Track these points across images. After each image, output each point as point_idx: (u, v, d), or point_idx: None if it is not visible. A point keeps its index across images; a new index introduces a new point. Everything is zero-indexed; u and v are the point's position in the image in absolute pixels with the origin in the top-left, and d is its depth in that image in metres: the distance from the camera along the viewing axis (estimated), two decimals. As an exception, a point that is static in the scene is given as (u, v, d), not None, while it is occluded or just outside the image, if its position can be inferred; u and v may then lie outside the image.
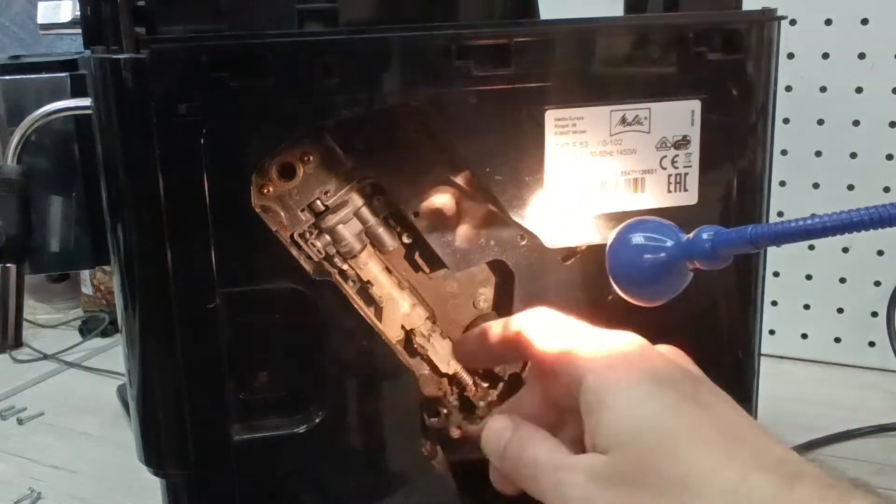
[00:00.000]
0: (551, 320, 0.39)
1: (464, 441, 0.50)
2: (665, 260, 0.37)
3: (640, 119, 0.44)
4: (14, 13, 1.16)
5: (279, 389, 0.45)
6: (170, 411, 0.43)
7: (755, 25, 0.44)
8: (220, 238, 0.41)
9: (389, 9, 0.47)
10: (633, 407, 0.33)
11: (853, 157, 0.81)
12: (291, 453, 0.45)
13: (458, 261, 0.46)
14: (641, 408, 0.33)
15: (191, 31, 0.41)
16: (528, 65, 0.42)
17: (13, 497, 0.68)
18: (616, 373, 0.34)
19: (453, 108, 0.42)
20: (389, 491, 0.46)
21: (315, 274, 0.44)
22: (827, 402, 0.78)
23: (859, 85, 0.79)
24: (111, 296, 1.03)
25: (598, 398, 0.34)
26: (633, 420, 0.32)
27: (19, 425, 0.81)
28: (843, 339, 0.86)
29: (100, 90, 0.40)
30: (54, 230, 0.50)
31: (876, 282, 0.83)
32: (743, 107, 0.45)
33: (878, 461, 0.69)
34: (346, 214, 0.45)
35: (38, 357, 0.96)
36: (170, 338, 0.42)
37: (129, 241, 0.41)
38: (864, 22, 0.78)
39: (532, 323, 0.40)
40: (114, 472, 0.71)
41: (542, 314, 0.40)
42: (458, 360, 0.47)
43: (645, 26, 0.44)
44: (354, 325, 0.44)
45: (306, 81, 0.40)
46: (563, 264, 0.46)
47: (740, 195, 0.46)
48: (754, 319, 0.49)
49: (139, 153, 0.40)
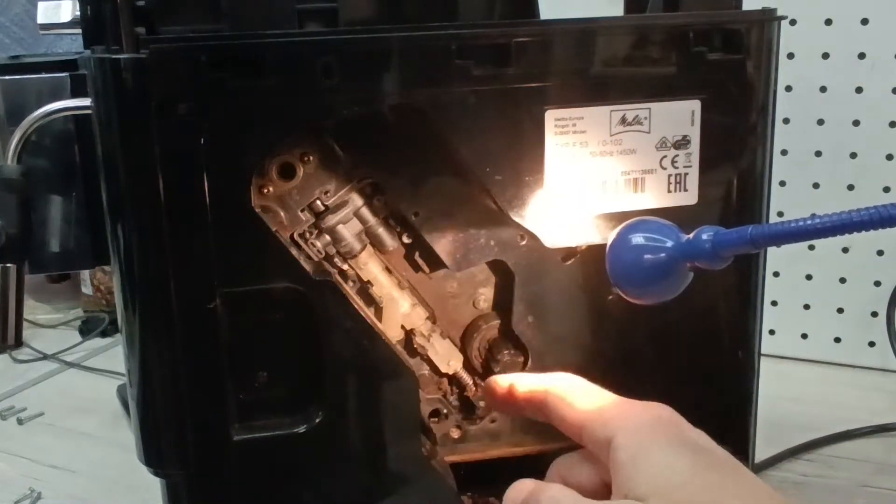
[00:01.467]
0: (578, 383, 0.41)
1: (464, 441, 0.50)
2: (665, 260, 0.37)
3: (640, 119, 0.44)
4: (14, 13, 1.16)
5: (279, 389, 0.45)
6: (170, 411, 0.43)
7: (755, 25, 0.44)
8: (220, 238, 0.41)
9: (389, 9, 0.47)
10: (668, 461, 0.35)
11: (853, 157, 0.81)
12: (291, 453, 0.45)
13: (458, 261, 0.46)
14: (677, 463, 0.34)
15: (191, 31, 0.41)
16: (528, 65, 0.42)
17: (13, 497, 0.68)
18: (650, 433, 0.36)
19: (453, 108, 0.42)
20: (389, 491, 0.46)
21: (315, 274, 0.44)
22: (827, 402, 0.78)
23: (859, 85, 0.79)
24: (111, 296, 1.03)
25: (632, 453, 0.35)
26: (671, 473, 0.34)
27: (19, 425, 0.81)
28: (843, 339, 0.86)
29: (100, 90, 0.40)
30: (54, 230, 0.50)
31: (876, 282, 0.83)
32: (743, 107, 0.45)
33: (878, 461, 0.69)
34: (346, 214, 0.45)
35: (38, 357, 0.96)
36: (170, 338, 0.42)
37: (129, 241, 0.41)
38: (864, 22, 0.78)
39: (560, 384, 0.41)
40: (114, 472, 0.71)
41: (569, 378, 0.42)
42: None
43: (645, 26, 0.44)
44: (354, 325, 0.44)
45: (306, 81, 0.40)
46: (563, 264, 0.46)
47: (740, 195, 0.46)
48: (754, 319, 0.49)
49: (139, 153, 0.40)
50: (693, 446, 0.36)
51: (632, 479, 0.35)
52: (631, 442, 0.36)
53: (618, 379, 0.41)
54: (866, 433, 0.72)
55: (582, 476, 0.40)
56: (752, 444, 0.50)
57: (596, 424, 0.38)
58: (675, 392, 0.47)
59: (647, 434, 0.36)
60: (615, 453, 0.36)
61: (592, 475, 0.39)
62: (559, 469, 0.41)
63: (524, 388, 0.43)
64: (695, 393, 0.48)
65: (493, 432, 0.50)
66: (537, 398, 0.42)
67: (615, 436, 0.36)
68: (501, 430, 0.50)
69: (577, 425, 0.39)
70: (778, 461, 0.68)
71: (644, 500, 0.34)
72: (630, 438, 0.36)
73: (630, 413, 0.37)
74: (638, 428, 0.36)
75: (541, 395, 0.42)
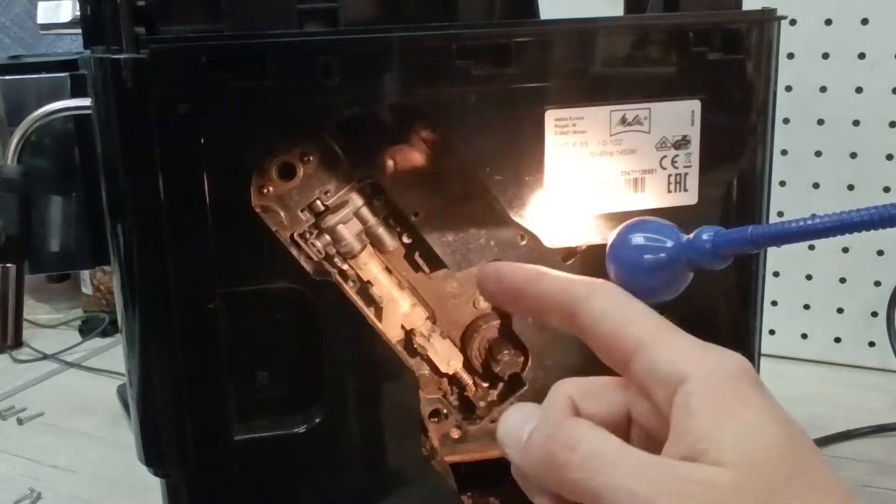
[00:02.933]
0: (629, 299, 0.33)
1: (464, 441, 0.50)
2: (665, 260, 0.37)
3: (640, 119, 0.44)
4: (14, 13, 1.16)
5: (279, 389, 0.45)
6: (170, 411, 0.43)
7: (755, 25, 0.44)
8: (220, 238, 0.41)
9: (389, 9, 0.47)
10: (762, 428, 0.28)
11: (853, 157, 0.81)
12: (291, 453, 0.45)
13: (458, 261, 0.46)
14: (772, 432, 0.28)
15: (191, 30, 0.41)
16: (528, 65, 0.42)
17: (13, 497, 0.68)
18: (736, 388, 0.29)
19: (453, 108, 0.42)
20: (389, 491, 0.46)
21: (315, 274, 0.44)
22: (827, 402, 0.78)
23: (859, 85, 0.79)
24: (111, 296, 1.03)
25: (713, 406, 0.28)
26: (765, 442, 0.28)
27: (19, 425, 0.81)
28: (843, 339, 0.86)
29: (100, 90, 0.40)
30: (54, 230, 0.50)
31: (876, 282, 0.83)
32: (743, 107, 0.45)
33: (878, 461, 0.69)
34: (346, 214, 0.45)
35: (38, 357, 0.96)
36: (170, 338, 0.42)
37: (129, 241, 0.41)
38: (864, 22, 0.78)
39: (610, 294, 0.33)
40: (114, 472, 0.71)
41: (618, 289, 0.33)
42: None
43: (645, 26, 0.44)
44: (354, 325, 0.44)
45: (306, 81, 0.40)
46: (563, 264, 0.46)
47: (740, 195, 0.46)
48: (754, 319, 0.49)
49: (139, 153, 0.40)
50: (784, 415, 0.29)
51: (710, 437, 0.28)
52: (711, 392, 0.29)
53: (618, 379, 0.41)
54: (866, 433, 0.72)
55: (600, 407, 0.32)
56: (752, 444, 0.50)
57: (661, 356, 0.30)
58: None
59: (733, 388, 0.29)
60: (687, 398, 0.29)
61: (615, 407, 0.32)
62: (570, 394, 0.32)
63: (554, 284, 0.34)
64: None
65: (493, 432, 0.50)
66: (570, 302, 0.33)
67: (688, 378, 0.29)
68: (501, 430, 0.50)
69: (629, 349, 0.31)
70: (778, 461, 0.67)
71: (724, 465, 0.27)
72: (710, 387, 0.29)
73: (707, 357, 0.30)
74: (720, 378, 0.29)
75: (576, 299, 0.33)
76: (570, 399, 0.32)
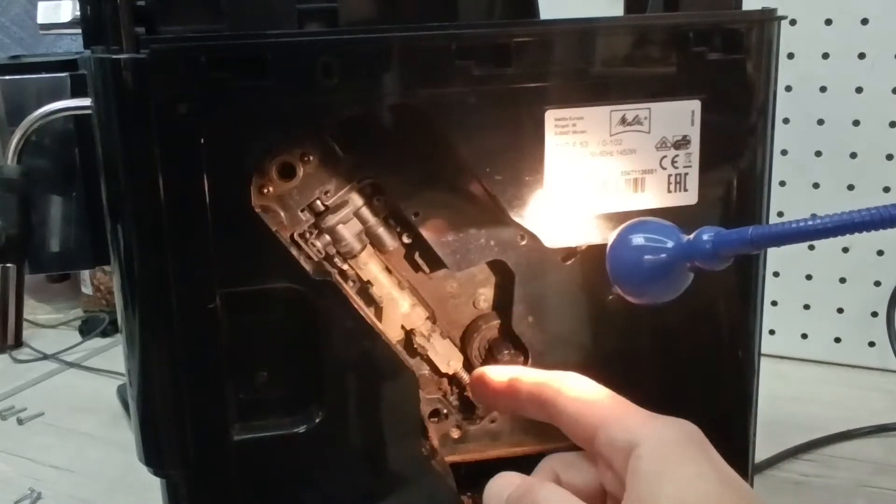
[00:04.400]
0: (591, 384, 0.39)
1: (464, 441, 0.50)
2: (665, 261, 0.37)
3: (640, 119, 0.44)
4: (14, 13, 1.16)
5: (279, 389, 0.45)
6: (170, 411, 0.43)
7: (755, 25, 0.44)
8: (220, 238, 0.41)
9: (390, 9, 0.47)
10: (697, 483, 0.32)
11: (853, 157, 0.81)
12: (291, 453, 0.45)
13: (458, 261, 0.46)
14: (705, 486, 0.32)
15: (191, 31, 0.41)
16: (528, 65, 0.42)
17: (13, 497, 0.68)
18: (678, 449, 0.34)
19: (453, 108, 0.42)
20: (389, 491, 0.46)
21: (315, 274, 0.44)
22: (827, 402, 0.78)
23: (859, 85, 0.80)
24: (111, 296, 1.03)
25: (657, 465, 0.33)
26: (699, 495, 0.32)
27: (19, 425, 0.81)
28: (843, 339, 0.86)
29: (100, 90, 0.40)
30: (54, 230, 0.50)
31: (876, 282, 0.83)
32: (743, 107, 0.45)
33: (878, 461, 0.69)
34: (346, 214, 0.45)
35: (38, 357, 0.96)
36: (170, 338, 0.42)
37: (129, 241, 0.41)
38: (864, 22, 0.78)
39: (573, 383, 0.39)
40: (114, 472, 0.71)
41: (580, 377, 0.40)
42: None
43: (645, 26, 0.44)
44: (354, 325, 0.44)
45: (306, 81, 0.40)
46: (563, 264, 0.46)
47: (740, 195, 0.46)
48: (754, 319, 0.49)
49: (139, 153, 0.40)
50: (721, 472, 0.33)
51: (653, 493, 0.32)
52: (657, 454, 0.34)
53: (618, 379, 0.41)
54: (866, 433, 0.72)
55: (579, 478, 0.38)
56: (752, 444, 0.50)
57: (617, 428, 0.36)
58: (675, 392, 0.47)
59: (675, 449, 0.34)
60: (637, 462, 0.34)
61: (590, 479, 0.38)
62: (553, 467, 0.39)
63: (529, 382, 0.41)
64: (695, 393, 0.48)
65: (493, 432, 0.50)
66: (544, 395, 0.40)
67: (639, 444, 0.34)
68: (501, 430, 0.50)
69: (592, 426, 0.37)
70: (778, 461, 0.68)
71: None
72: (656, 450, 0.34)
73: (657, 424, 0.35)
74: (665, 441, 0.34)
75: (549, 391, 0.39)
76: (553, 470, 0.38)
